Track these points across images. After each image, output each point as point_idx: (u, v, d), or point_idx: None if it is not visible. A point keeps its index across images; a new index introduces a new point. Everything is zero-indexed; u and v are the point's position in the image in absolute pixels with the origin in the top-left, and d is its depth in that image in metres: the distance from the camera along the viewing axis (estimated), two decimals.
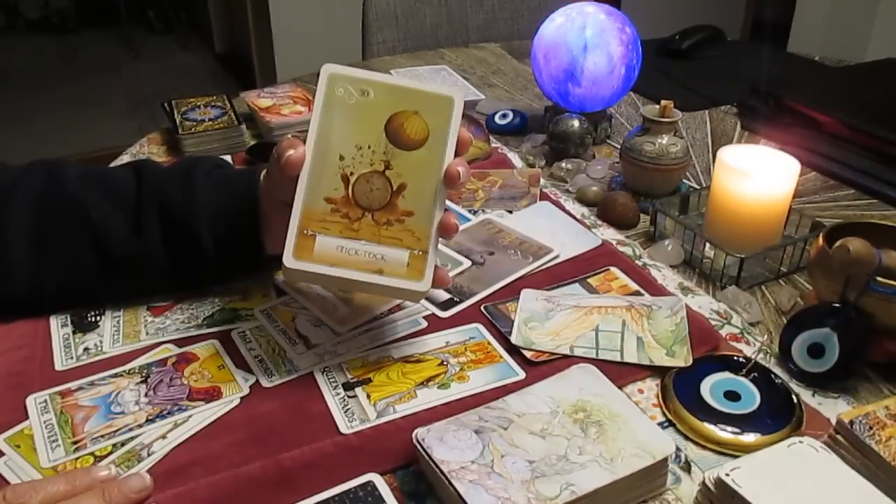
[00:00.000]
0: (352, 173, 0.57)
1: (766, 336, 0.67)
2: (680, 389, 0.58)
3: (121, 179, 0.67)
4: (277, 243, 0.58)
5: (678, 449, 0.54)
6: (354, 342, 0.64)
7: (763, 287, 0.75)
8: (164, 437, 0.54)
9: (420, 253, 0.57)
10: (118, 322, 0.66)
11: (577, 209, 0.87)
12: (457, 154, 0.59)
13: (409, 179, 0.58)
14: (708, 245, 0.76)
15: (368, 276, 0.57)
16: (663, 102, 0.86)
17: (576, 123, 0.96)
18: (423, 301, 0.68)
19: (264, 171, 0.64)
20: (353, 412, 0.56)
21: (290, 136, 0.60)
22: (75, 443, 0.53)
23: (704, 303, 0.71)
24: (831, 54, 1.46)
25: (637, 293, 0.71)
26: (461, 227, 0.81)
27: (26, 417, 0.55)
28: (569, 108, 1.01)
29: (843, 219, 0.85)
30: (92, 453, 0.53)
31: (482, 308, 0.68)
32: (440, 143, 0.58)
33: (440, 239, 0.59)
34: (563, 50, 0.97)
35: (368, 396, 0.58)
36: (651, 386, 0.61)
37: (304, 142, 0.58)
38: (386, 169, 0.58)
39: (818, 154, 0.98)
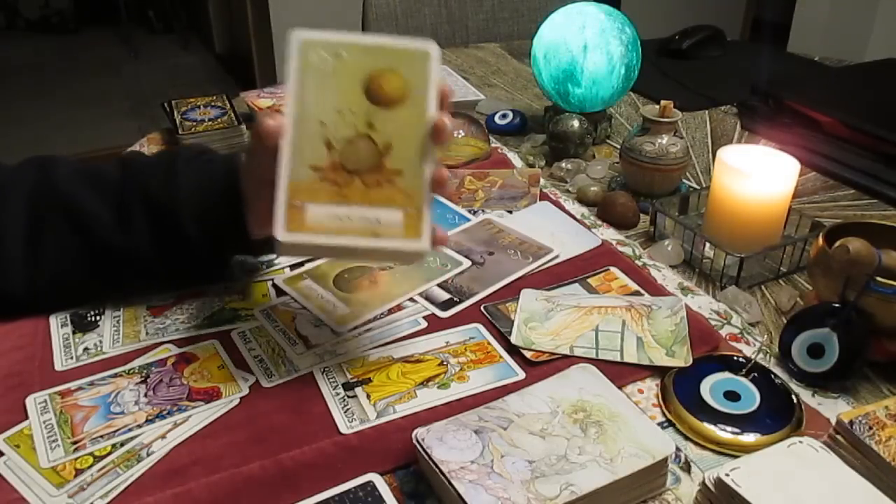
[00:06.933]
0: (335, 138, 0.55)
1: (765, 336, 0.67)
2: (680, 389, 0.58)
3: (107, 173, 0.66)
4: (262, 225, 0.56)
5: (678, 449, 0.54)
6: (354, 342, 0.64)
7: (763, 287, 0.75)
8: (163, 437, 0.54)
9: (414, 211, 0.55)
10: (118, 322, 0.66)
11: (577, 209, 0.87)
12: (439, 108, 0.57)
13: (394, 138, 0.55)
14: (708, 245, 0.76)
15: (365, 240, 0.55)
16: (663, 102, 0.86)
17: (576, 123, 0.96)
18: (422, 301, 0.68)
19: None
20: (353, 412, 0.56)
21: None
22: (75, 443, 0.53)
23: (704, 303, 0.71)
24: (831, 54, 1.46)
25: (637, 293, 0.71)
26: (461, 228, 0.81)
27: (26, 417, 0.55)
28: (569, 108, 1.01)
29: (843, 219, 0.85)
30: (91, 453, 0.53)
31: (482, 308, 0.68)
32: (421, 97, 0.56)
33: (435, 201, 0.56)
34: (563, 50, 0.97)
35: (368, 396, 0.58)
36: (651, 386, 0.61)
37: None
38: (369, 130, 0.56)
39: (818, 154, 0.98)
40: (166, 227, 0.63)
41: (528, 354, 0.62)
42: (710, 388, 0.59)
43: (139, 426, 0.55)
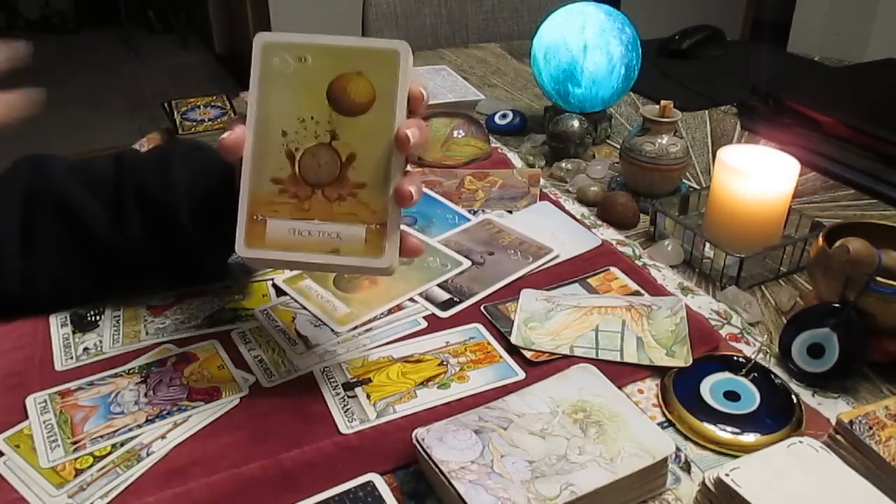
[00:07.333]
0: (297, 149, 0.53)
1: (766, 336, 0.67)
2: (680, 389, 0.58)
3: (101, 169, 0.66)
4: None
5: (678, 449, 0.54)
6: (354, 342, 0.64)
7: (763, 287, 0.75)
8: (163, 437, 0.54)
9: (377, 227, 0.53)
10: (118, 322, 0.66)
11: (577, 209, 0.87)
12: (411, 113, 0.54)
13: (359, 148, 0.53)
14: (708, 245, 0.76)
15: (324, 257, 0.53)
16: (663, 102, 0.86)
17: (576, 123, 0.96)
18: (422, 301, 0.69)
19: None
20: (353, 412, 0.56)
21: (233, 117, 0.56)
22: (75, 443, 0.53)
23: (704, 303, 0.71)
24: (831, 54, 1.46)
25: (637, 293, 0.71)
26: (461, 228, 0.81)
27: (26, 417, 0.55)
28: (569, 108, 1.01)
29: (843, 219, 0.85)
30: (91, 453, 0.53)
31: (482, 308, 0.68)
32: (388, 103, 0.53)
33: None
34: (563, 50, 0.97)
35: (368, 396, 0.58)
36: (651, 386, 0.61)
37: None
38: (332, 140, 0.53)
39: (818, 154, 0.98)
40: (161, 223, 0.63)
41: (528, 354, 0.62)
42: (710, 388, 0.59)
43: (139, 426, 0.55)
